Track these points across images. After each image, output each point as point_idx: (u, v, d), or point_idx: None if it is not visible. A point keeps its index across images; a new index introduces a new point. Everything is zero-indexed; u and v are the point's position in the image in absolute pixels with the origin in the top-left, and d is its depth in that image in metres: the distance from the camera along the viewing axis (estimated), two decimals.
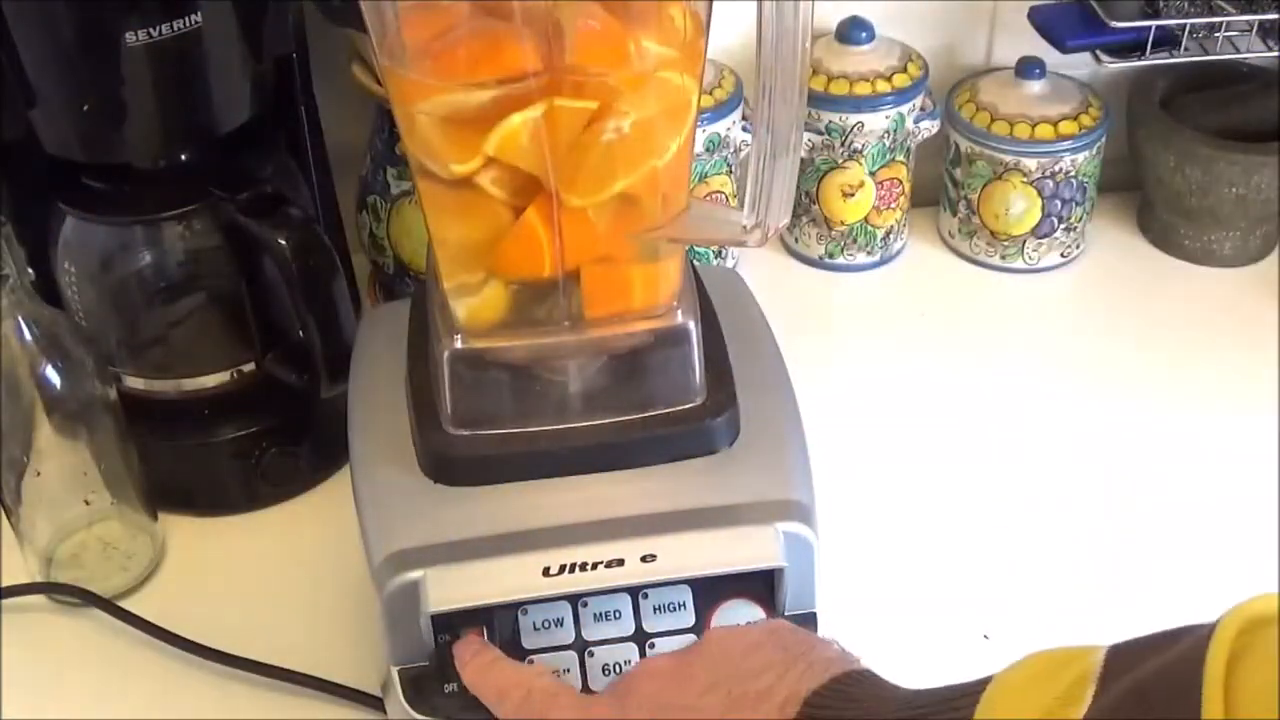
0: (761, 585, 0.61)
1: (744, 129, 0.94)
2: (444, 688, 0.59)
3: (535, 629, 0.60)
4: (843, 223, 1.00)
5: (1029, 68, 0.98)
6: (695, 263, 0.70)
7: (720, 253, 0.99)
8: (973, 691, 0.46)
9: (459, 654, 0.59)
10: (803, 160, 0.98)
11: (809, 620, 0.62)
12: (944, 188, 1.03)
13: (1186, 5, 0.94)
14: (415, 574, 0.58)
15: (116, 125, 0.73)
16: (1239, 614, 0.40)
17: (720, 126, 0.93)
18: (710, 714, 0.51)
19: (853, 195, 0.99)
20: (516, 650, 0.60)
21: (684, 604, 0.60)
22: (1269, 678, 0.37)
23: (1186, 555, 0.78)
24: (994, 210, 0.99)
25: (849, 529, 0.77)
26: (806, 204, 1.01)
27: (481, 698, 0.58)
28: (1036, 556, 0.79)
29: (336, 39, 0.85)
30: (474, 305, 0.61)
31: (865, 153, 0.97)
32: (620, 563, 0.58)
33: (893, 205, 1.01)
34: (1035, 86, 0.98)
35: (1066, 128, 0.96)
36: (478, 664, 0.58)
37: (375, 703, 0.69)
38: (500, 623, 0.60)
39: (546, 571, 0.58)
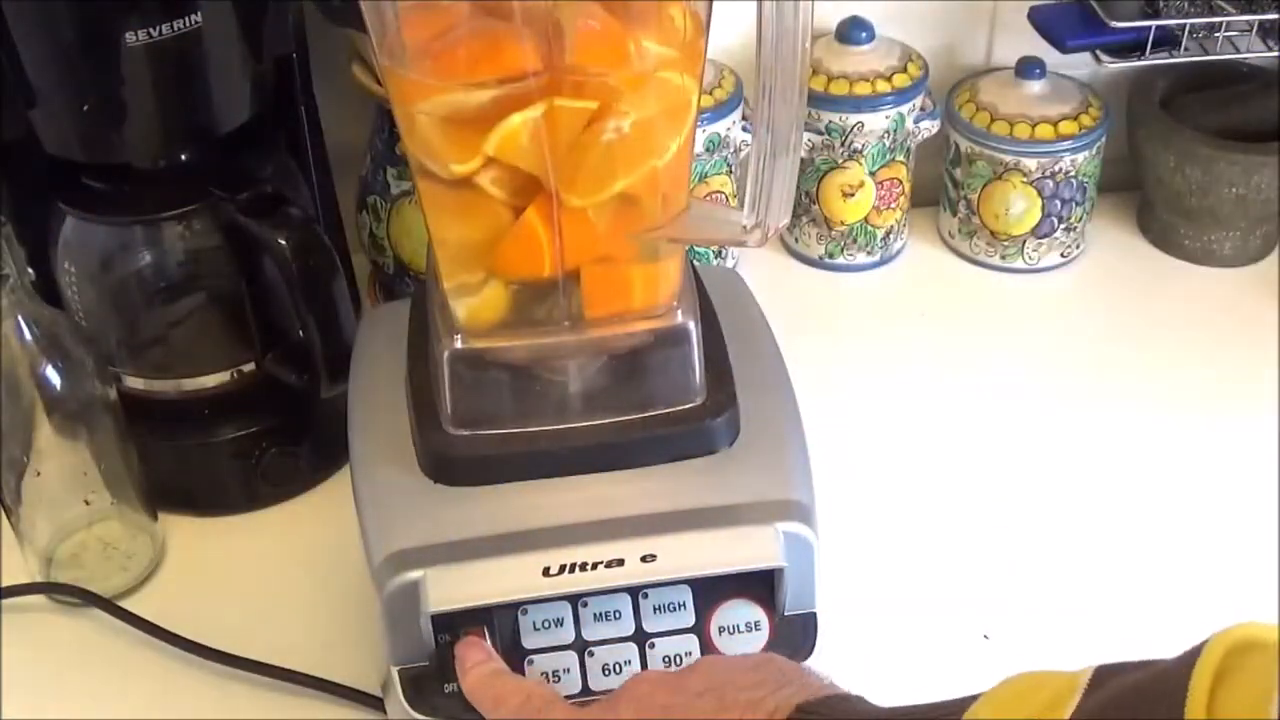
0: (761, 585, 0.61)
1: (744, 129, 0.94)
2: (444, 688, 0.59)
3: (535, 629, 0.60)
4: (843, 223, 1.00)
5: (1029, 68, 0.98)
6: (695, 263, 0.70)
7: (720, 253, 0.99)
8: (960, 707, 0.46)
9: (461, 657, 0.59)
10: (803, 160, 0.98)
11: (809, 620, 0.62)
12: (944, 188, 1.03)
13: (1186, 5, 0.94)
14: (415, 574, 0.58)
15: (116, 125, 0.73)
16: (1226, 636, 0.41)
17: (720, 126, 0.93)
18: (700, 714, 0.51)
19: (853, 195, 0.99)
20: (516, 650, 0.60)
21: (684, 604, 0.60)
22: (1253, 693, 0.38)
23: (1186, 555, 0.78)
24: (994, 210, 0.99)
25: (849, 529, 0.77)
26: (806, 204, 1.01)
27: (477, 704, 0.58)
28: (1036, 556, 0.79)
29: (336, 39, 0.85)
30: (474, 305, 0.61)
31: (865, 153, 0.97)
32: (620, 563, 0.58)
33: (893, 205, 1.01)
34: (1035, 86, 0.98)
35: (1066, 128, 0.96)
36: (479, 673, 0.58)
37: (375, 703, 0.69)
38: (500, 623, 0.60)
39: (546, 571, 0.58)
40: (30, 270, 0.73)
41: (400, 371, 0.66)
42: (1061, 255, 1.02)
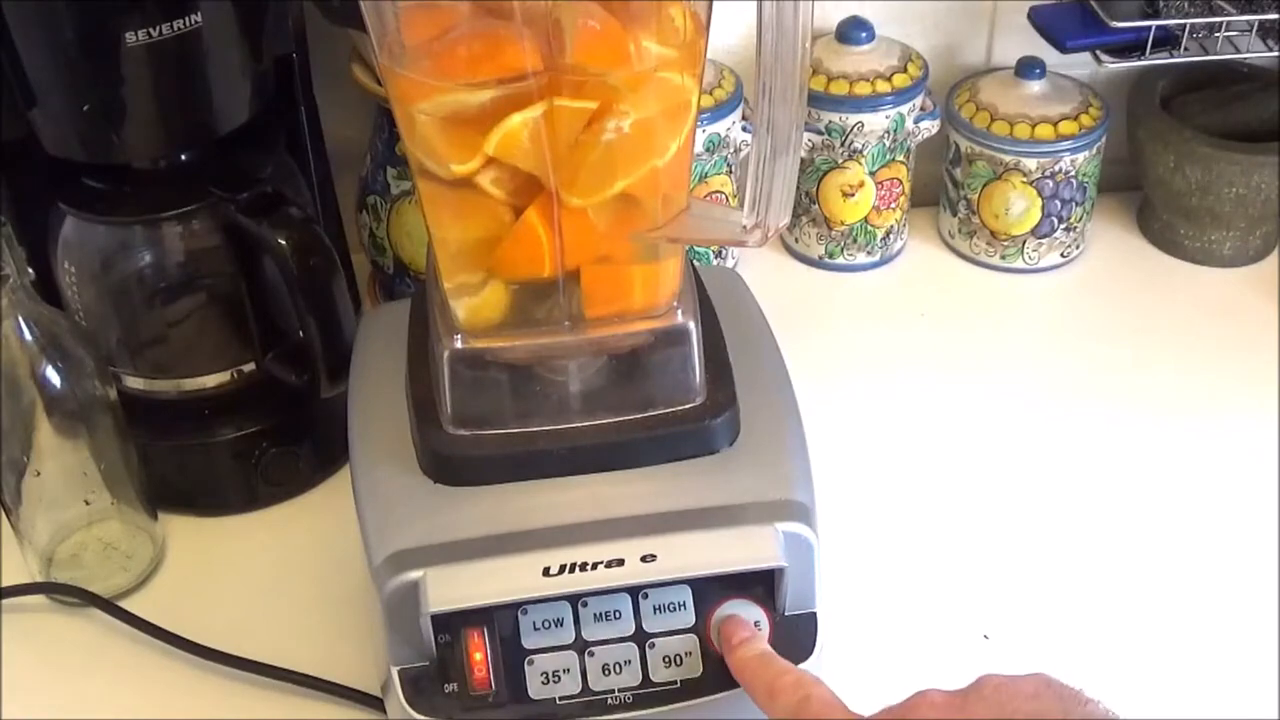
0: (761, 585, 0.61)
1: (744, 129, 0.94)
2: (444, 688, 0.59)
3: (535, 629, 0.60)
4: (843, 223, 1.00)
5: (1029, 68, 0.98)
6: (695, 263, 0.70)
7: (720, 253, 0.99)
8: None
9: (726, 634, 0.59)
10: (803, 160, 0.98)
11: (809, 620, 0.62)
12: (944, 188, 1.03)
13: (1186, 5, 0.94)
14: (415, 574, 0.58)
15: (116, 125, 0.73)
16: None
17: (720, 126, 0.93)
18: None
19: (853, 195, 0.99)
20: (516, 650, 0.60)
21: (684, 604, 0.60)
22: None
23: (1186, 555, 0.78)
24: (994, 210, 0.99)
25: (849, 529, 0.77)
26: (806, 204, 1.01)
27: (747, 687, 0.58)
28: (1036, 556, 0.78)
29: (336, 39, 0.85)
30: (474, 305, 0.61)
31: (865, 153, 0.97)
32: (620, 563, 0.58)
33: (893, 205, 1.01)
34: (1035, 86, 0.98)
35: (1066, 128, 0.96)
36: (748, 653, 0.58)
37: (375, 703, 0.69)
38: (500, 623, 0.60)
39: (546, 571, 0.58)
40: (30, 270, 0.73)
41: (400, 371, 0.66)
42: (1061, 255, 1.02)
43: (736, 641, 0.59)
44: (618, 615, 0.60)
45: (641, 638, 0.60)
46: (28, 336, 0.71)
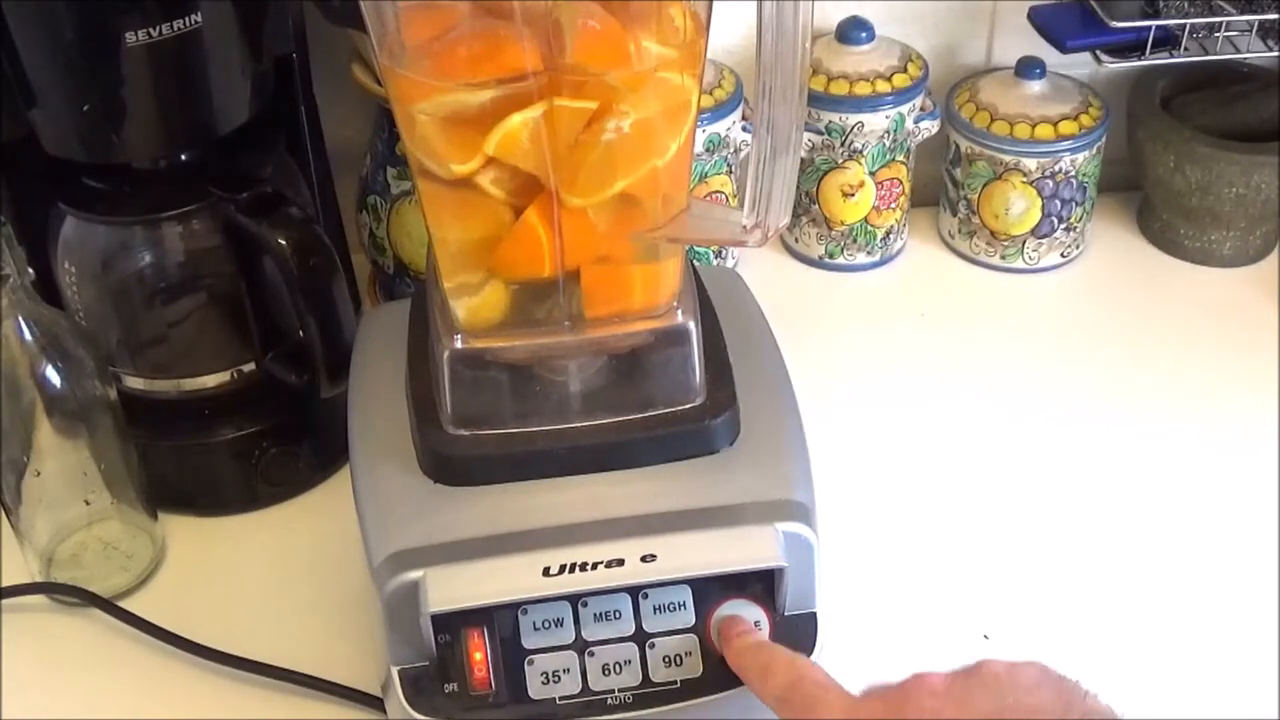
0: (761, 585, 0.61)
1: (744, 129, 0.94)
2: (444, 688, 0.59)
3: (535, 629, 0.60)
4: (843, 223, 1.00)
5: (1029, 68, 0.98)
6: (695, 263, 0.70)
7: (720, 253, 0.99)
8: None
9: (724, 630, 0.60)
10: (803, 160, 0.98)
11: (809, 620, 0.62)
12: (944, 188, 1.03)
13: (1186, 5, 0.94)
14: (415, 574, 0.58)
15: (116, 125, 0.73)
16: None
17: (720, 126, 0.93)
18: None
19: (853, 195, 0.99)
20: (516, 650, 0.60)
21: (684, 604, 0.61)
22: None
23: (1186, 555, 0.78)
24: (994, 210, 0.99)
25: (849, 529, 0.77)
26: (806, 204, 1.01)
27: (742, 672, 0.58)
28: (1036, 556, 0.78)
29: (336, 39, 0.85)
30: (474, 305, 0.61)
31: (865, 153, 0.97)
32: (620, 563, 0.58)
33: (893, 205, 1.01)
34: (1035, 86, 0.98)
35: (1066, 128, 0.96)
36: (744, 642, 0.59)
37: (375, 703, 0.69)
38: (500, 623, 0.60)
39: (546, 571, 0.58)
40: (30, 270, 0.73)
41: (400, 371, 0.66)
42: (1061, 255, 1.02)
43: (734, 635, 0.59)
44: (618, 615, 0.60)
45: (641, 638, 0.60)
46: (28, 336, 0.71)
